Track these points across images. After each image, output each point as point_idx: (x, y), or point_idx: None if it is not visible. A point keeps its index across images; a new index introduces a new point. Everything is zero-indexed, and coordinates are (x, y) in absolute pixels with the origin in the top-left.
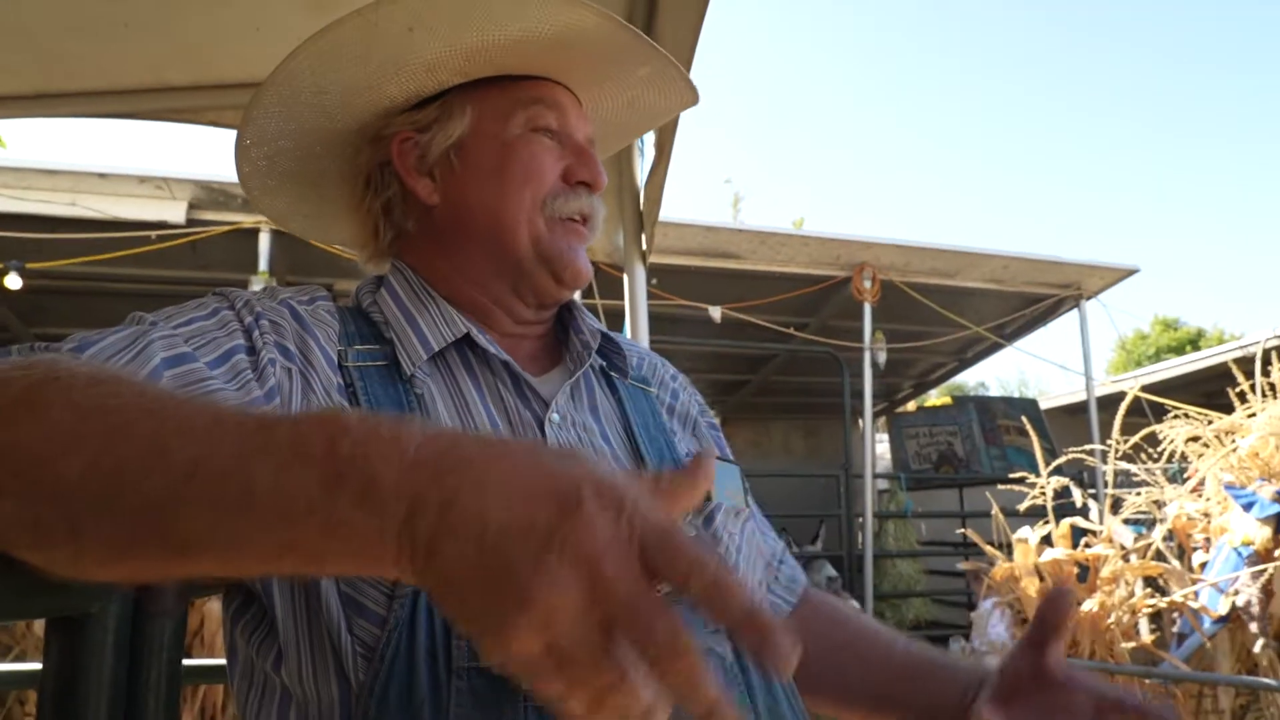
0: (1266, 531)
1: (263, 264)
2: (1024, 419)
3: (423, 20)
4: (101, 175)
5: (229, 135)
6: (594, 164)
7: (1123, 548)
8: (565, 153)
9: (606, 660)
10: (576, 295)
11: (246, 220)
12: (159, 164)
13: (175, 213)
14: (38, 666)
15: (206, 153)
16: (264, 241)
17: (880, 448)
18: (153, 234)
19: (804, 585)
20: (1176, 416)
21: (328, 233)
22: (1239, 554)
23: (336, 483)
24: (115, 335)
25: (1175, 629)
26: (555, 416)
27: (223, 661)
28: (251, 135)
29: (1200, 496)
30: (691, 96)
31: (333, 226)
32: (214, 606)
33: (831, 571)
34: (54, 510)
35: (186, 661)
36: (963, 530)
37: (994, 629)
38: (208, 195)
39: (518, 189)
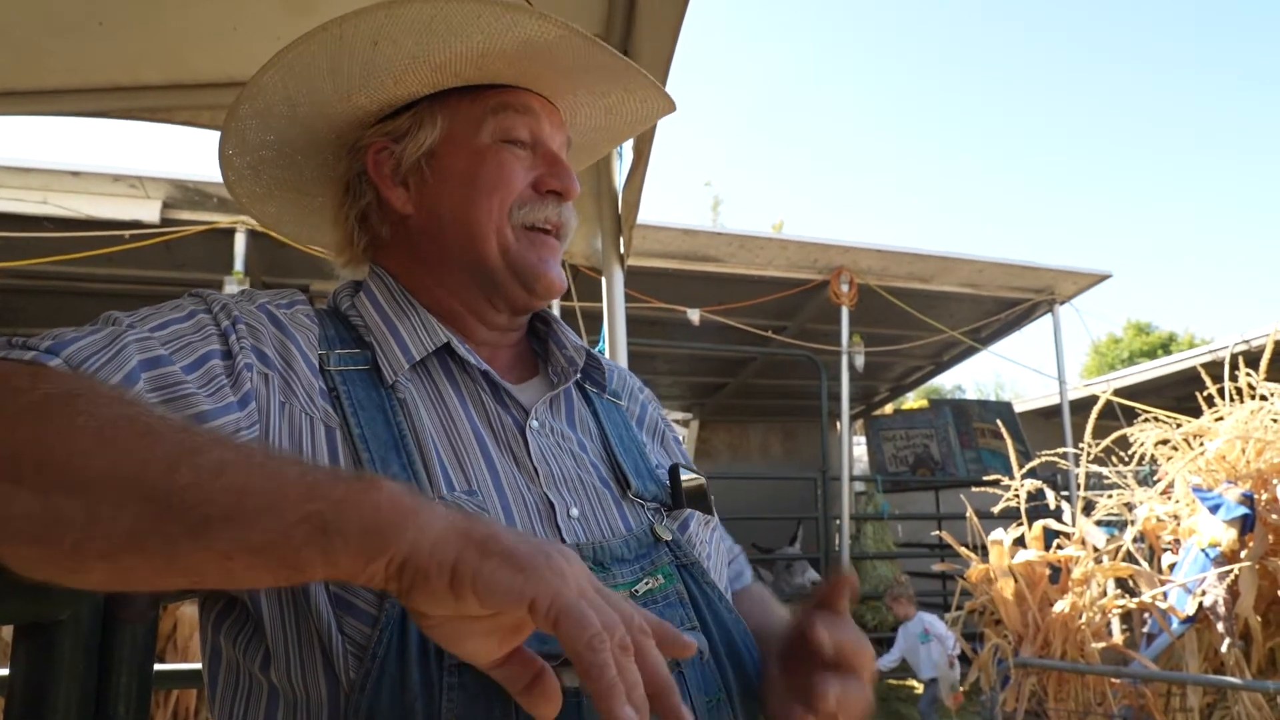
0: (1232, 533)
1: (238, 264)
2: (999, 422)
3: (386, 34)
4: (75, 174)
5: (205, 134)
6: (565, 172)
7: (1094, 549)
8: (537, 161)
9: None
10: (555, 306)
11: (222, 220)
12: (133, 163)
13: (149, 212)
14: (5, 672)
15: (182, 152)
16: (239, 242)
17: (857, 450)
18: (126, 233)
19: (746, 582)
20: (1147, 420)
21: (318, 237)
22: (1206, 555)
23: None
24: (92, 335)
25: (1145, 629)
26: (535, 423)
27: (196, 666)
28: (233, 145)
29: (1169, 499)
30: (667, 104)
31: (322, 230)
32: (187, 611)
33: (815, 575)
34: (73, 500)
35: (158, 666)
36: (938, 532)
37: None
38: (182, 195)
39: (486, 197)
